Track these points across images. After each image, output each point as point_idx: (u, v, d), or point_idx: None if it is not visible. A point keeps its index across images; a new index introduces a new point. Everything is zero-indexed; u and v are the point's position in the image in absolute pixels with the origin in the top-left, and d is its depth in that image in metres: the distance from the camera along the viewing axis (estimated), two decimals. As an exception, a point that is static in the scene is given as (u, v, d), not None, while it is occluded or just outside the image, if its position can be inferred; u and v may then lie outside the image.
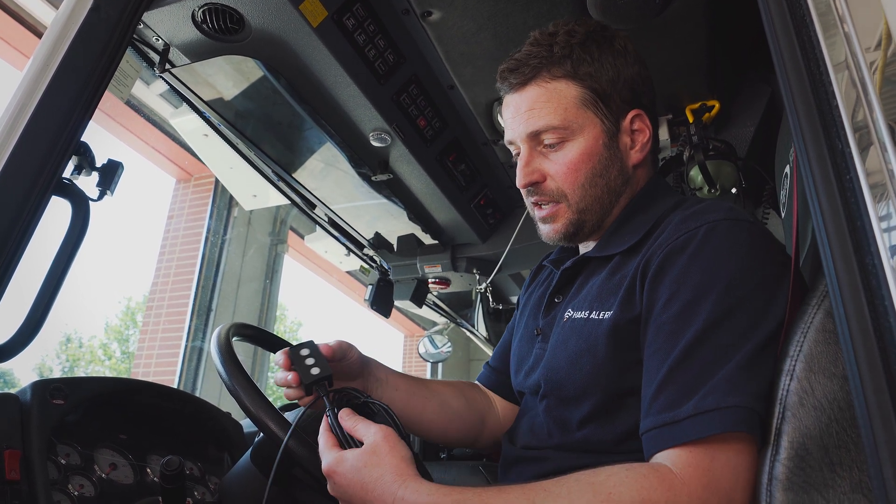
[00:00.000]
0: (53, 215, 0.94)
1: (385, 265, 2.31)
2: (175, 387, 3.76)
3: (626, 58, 1.01)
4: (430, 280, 2.26)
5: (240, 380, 0.94)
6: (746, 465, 0.72)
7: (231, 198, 4.59)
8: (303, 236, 4.82)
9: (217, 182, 4.55)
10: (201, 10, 1.25)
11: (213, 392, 4.07)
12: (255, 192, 2.74)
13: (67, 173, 0.99)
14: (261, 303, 4.83)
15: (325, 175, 1.85)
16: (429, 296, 2.43)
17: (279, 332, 11.85)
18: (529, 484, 0.75)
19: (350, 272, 4.66)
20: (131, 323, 14.00)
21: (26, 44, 3.26)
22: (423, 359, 2.79)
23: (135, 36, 1.25)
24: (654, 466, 0.74)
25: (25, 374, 13.42)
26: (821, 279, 0.74)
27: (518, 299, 1.31)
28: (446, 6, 1.30)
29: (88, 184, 1.05)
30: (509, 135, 1.04)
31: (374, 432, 0.82)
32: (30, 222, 0.85)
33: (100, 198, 1.07)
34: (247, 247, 4.77)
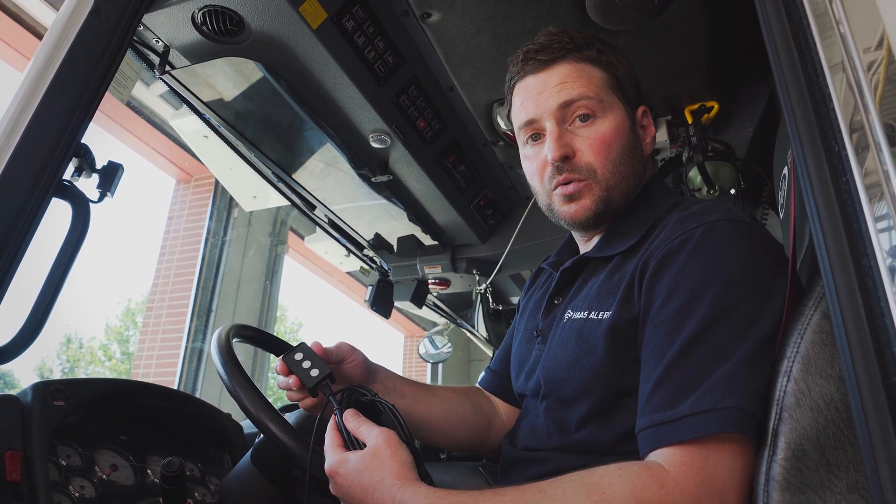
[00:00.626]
0: (54, 217, 0.94)
1: (385, 266, 2.31)
2: (175, 388, 3.76)
3: (629, 60, 1.06)
4: (430, 281, 2.26)
5: (240, 381, 0.94)
6: (741, 465, 0.71)
7: (231, 199, 4.59)
8: (303, 237, 4.82)
9: (217, 183, 4.56)
10: (201, 11, 1.25)
11: (213, 393, 4.07)
12: (255, 193, 2.74)
13: (68, 175, 0.99)
14: (261, 304, 4.83)
15: (325, 176, 1.85)
16: (429, 296, 2.43)
17: (280, 332, 11.86)
18: (525, 485, 0.75)
19: (350, 273, 4.66)
20: (131, 324, 13.98)
21: (26, 44, 3.26)
22: (423, 359, 2.80)
23: (135, 38, 1.25)
24: (647, 464, 0.74)
25: (26, 375, 13.44)
26: (818, 281, 0.74)
27: (518, 303, 1.31)
28: (446, 8, 1.30)
29: (89, 185, 1.05)
30: (532, 113, 1.01)
31: (377, 435, 0.82)
32: (30, 224, 0.85)
33: (100, 199, 1.07)
34: (247, 248, 4.77)
